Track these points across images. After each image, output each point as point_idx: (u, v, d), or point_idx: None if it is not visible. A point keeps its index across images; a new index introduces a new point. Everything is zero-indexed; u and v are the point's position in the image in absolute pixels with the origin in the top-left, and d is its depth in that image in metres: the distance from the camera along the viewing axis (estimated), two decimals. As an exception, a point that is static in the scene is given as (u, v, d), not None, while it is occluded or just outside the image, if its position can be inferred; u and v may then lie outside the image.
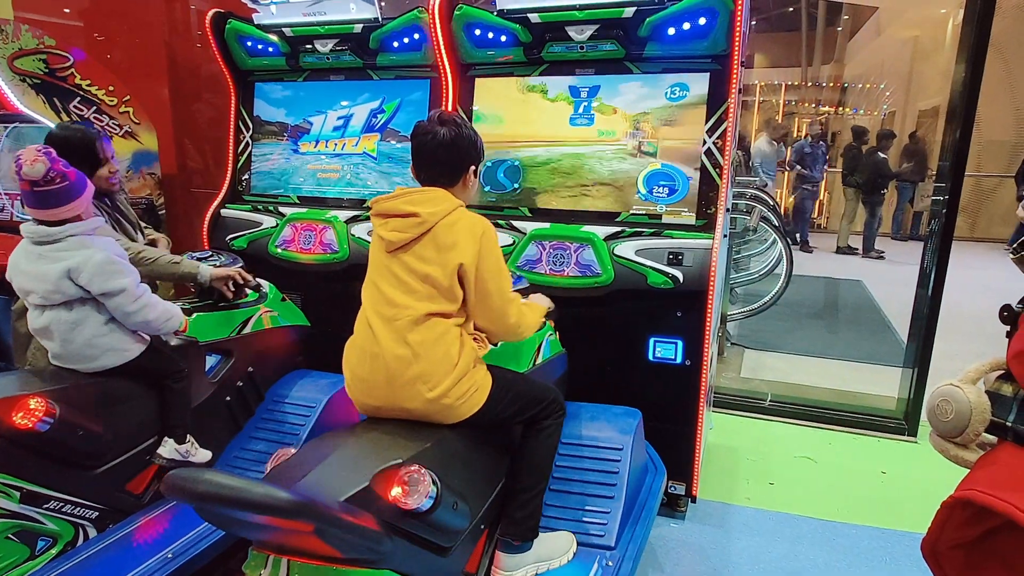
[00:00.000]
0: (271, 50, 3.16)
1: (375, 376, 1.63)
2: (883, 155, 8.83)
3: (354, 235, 2.93)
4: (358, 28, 2.94)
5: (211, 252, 2.66)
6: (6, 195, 3.55)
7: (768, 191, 8.07)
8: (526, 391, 1.82)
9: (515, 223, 2.67)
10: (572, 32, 2.54)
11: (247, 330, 2.55)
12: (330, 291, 3.04)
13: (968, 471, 1.07)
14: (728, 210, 2.54)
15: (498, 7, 2.58)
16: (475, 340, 1.90)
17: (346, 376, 1.73)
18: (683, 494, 2.59)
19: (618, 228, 2.51)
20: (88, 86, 3.75)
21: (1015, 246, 1.10)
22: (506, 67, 2.78)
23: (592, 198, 2.65)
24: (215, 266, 2.47)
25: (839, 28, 15.28)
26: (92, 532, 1.99)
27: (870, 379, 4.16)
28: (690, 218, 2.50)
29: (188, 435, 2.22)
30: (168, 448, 2.16)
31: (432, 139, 1.68)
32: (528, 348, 2.20)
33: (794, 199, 9.09)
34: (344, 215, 2.99)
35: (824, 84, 15.10)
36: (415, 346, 1.60)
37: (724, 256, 2.55)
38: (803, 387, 4.04)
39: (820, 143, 9.23)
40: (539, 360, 2.24)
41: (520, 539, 1.75)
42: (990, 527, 0.98)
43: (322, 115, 3.24)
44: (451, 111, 2.30)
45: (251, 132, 3.38)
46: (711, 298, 2.35)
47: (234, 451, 2.48)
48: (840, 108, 14.00)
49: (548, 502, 1.86)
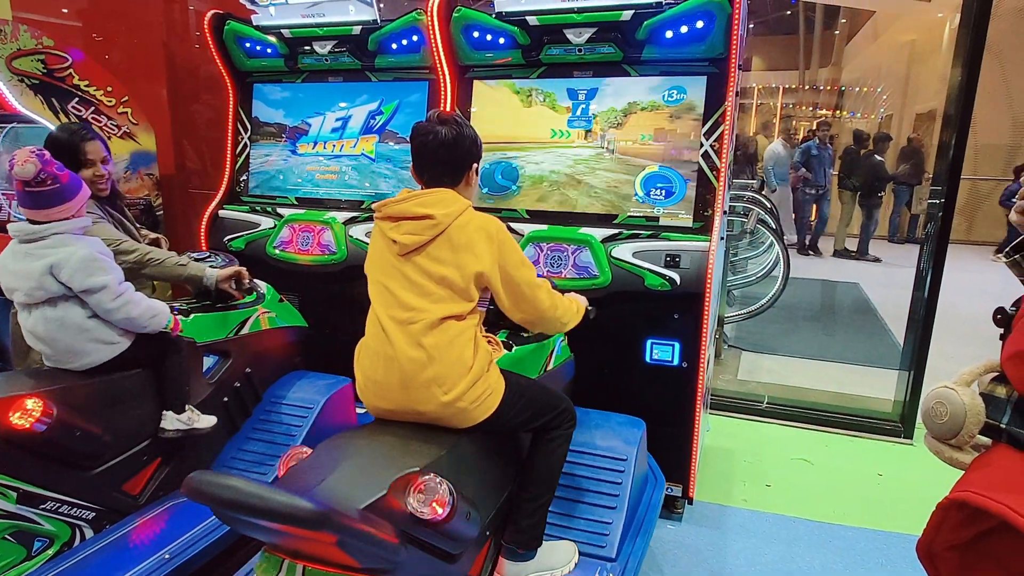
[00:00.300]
0: (270, 51, 3.17)
1: (389, 379, 1.62)
2: (880, 158, 8.86)
3: (352, 236, 2.93)
4: (357, 30, 2.95)
5: (209, 253, 2.67)
6: (3, 195, 3.55)
7: (772, 197, 7.98)
8: (539, 398, 1.81)
9: (512, 225, 2.67)
10: (570, 35, 2.55)
11: (245, 331, 2.55)
12: (328, 292, 3.04)
13: (963, 473, 1.07)
14: (725, 212, 2.55)
15: (496, 9, 2.59)
16: (489, 343, 1.89)
17: (358, 378, 1.72)
18: (680, 496, 2.60)
19: (615, 230, 2.51)
20: (86, 87, 3.75)
21: (1008, 249, 1.11)
22: (504, 69, 2.79)
23: (589, 200, 2.66)
24: (214, 267, 2.47)
25: (836, 32, 15.33)
26: (89, 533, 1.99)
27: (866, 381, 4.17)
28: (687, 220, 2.51)
29: (186, 404, 2.21)
30: (169, 420, 2.17)
31: (433, 139, 1.67)
32: (541, 352, 2.19)
33: (792, 201, 8.98)
34: (342, 216, 3.00)
35: (821, 87, 15.16)
36: (430, 349, 1.59)
37: (721, 258, 2.55)
38: (800, 389, 4.05)
39: (828, 146, 8.82)
40: (551, 365, 2.24)
41: (524, 547, 1.75)
42: (985, 529, 0.98)
43: (320, 116, 3.24)
44: (449, 111, 2.31)
45: (249, 133, 3.38)
46: (708, 300, 2.36)
47: (231, 452, 2.48)
48: (837, 111, 14.04)
49: (551, 509, 1.86)
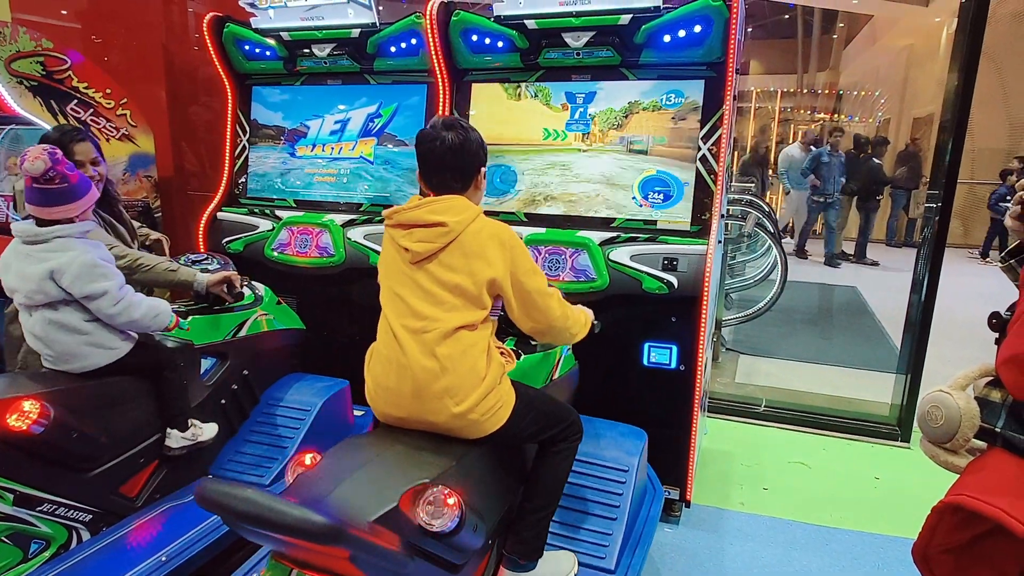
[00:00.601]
0: (269, 54, 3.17)
1: (402, 387, 1.61)
2: (878, 161, 8.87)
3: (350, 239, 2.93)
4: (356, 33, 2.95)
5: (206, 255, 2.67)
6: (1, 198, 3.54)
7: (787, 201, 7.78)
8: (547, 410, 1.81)
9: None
10: (568, 38, 2.56)
11: (242, 333, 2.55)
12: (326, 295, 3.04)
13: (958, 476, 1.08)
14: (723, 216, 2.55)
15: (495, 13, 2.60)
16: (502, 354, 1.89)
17: (368, 383, 1.71)
18: (677, 499, 2.60)
19: (613, 233, 2.52)
20: (85, 88, 3.75)
21: (1003, 255, 1.11)
22: (503, 73, 2.80)
23: (587, 203, 2.66)
24: (207, 270, 2.48)
25: (834, 36, 15.40)
26: (86, 535, 1.99)
27: (864, 385, 4.18)
28: (685, 224, 2.51)
29: (189, 420, 2.24)
30: (174, 438, 2.19)
31: (440, 145, 1.66)
32: (548, 361, 2.19)
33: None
34: (340, 219, 3.00)
35: (819, 91, 15.20)
36: (443, 359, 1.58)
37: (719, 262, 2.56)
38: (797, 392, 4.05)
39: (839, 153, 8.43)
40: (557, 374, 2.24)
41: (526, 558, 1.75)
42: (979, 532, 0.99)
43: (319, 119, 3.24)
44: (450, 115, 2.32)
45: (248, 135, 3.38)
46: (705, 303, 2.36)
47: (229, 454, 2.48)
48: (835, 115, 14.08)
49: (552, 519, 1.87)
